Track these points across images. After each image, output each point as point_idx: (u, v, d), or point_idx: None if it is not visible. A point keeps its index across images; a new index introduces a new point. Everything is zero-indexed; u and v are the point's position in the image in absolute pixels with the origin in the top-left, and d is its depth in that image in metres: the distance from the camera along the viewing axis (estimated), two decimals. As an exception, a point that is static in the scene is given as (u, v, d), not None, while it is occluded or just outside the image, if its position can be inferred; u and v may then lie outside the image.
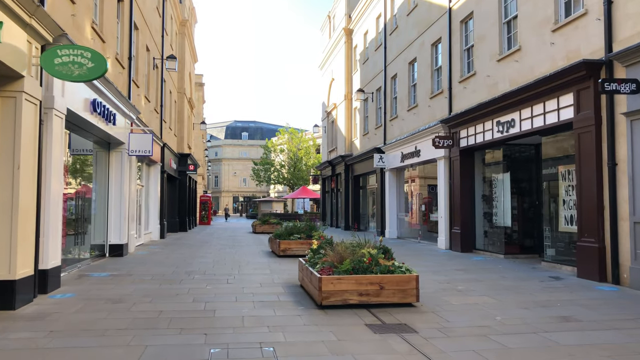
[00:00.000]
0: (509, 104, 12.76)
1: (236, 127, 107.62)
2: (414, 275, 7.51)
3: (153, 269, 11.35)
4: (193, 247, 17.57)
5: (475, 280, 9.85)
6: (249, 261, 13.23)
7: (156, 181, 21.06)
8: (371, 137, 25.80)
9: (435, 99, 17.93)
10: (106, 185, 13.91)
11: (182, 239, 22.25)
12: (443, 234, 16.70)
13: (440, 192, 17.00)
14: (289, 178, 62.33)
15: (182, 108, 29.19)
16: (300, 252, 14.08)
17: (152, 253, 15.29)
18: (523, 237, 14.25)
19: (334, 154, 33.39)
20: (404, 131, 20.84)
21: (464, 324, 6.40)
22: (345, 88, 30.39)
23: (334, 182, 33.97)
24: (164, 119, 23.03)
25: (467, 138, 15.24)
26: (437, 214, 17.87)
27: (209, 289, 8.85)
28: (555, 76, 10.74)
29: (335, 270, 7.54)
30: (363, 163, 26.87)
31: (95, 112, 11.01)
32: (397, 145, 21.32)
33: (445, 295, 8.35)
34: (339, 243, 8.43)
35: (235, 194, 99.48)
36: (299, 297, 8.06)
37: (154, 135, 18.42)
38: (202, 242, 20.05)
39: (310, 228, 15.02)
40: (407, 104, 20.76)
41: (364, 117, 27.49)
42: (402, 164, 20.86)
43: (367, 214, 28.41)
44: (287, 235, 14.68)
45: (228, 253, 15.49)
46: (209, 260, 13.42)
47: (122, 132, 13.95)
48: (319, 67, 39.06)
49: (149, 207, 20.69)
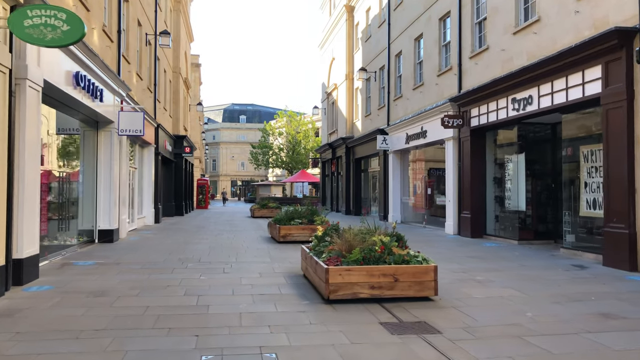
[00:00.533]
0: (527, 80, 11.85)
1: (234, 110, 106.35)
2: (432, 265, 6.70)
3: (144, 257, 10.54)
4: (188, 232, 16.76)
5: (493, 270, 9.06)
6: (247, 247, 12.43)
7: (150, 163, 20.18)
8: (374, 118, 24.87)
9: (443, 77, 16.99)
10: (94, 166, 13.04)
11: (177, 223, 21.45)
12: (451, 219, 15.91)
13: (449, 174, 16.16)
14: (288, 162, 61.39)
15: (177, 88, 28.17)
16: (301, 238, 13.30)
17: (144, 239, 14.48)
18: (538, 222, 13.46)
19: (334, 136, 32.46)
20: (409, 111, 19.92)
21: (492, 321, 5.62)
22: (347, 68, 29.34)
23: (334, 166, 33.11)
24: (158, 99, 22.05)
25: (478, 117, 14.36)
26: (444, 197, 17.06)
27: (203, 279, 8.04)
28: (581, 47, 9.82)
29: (344, 261, 6.73)
30: (365, 145, 25.98)
31: (78, 86, 10.08)
32: (401, 126, 20.41)
33: (464, 286, 7.56)
34: (347, 229, 7.61)
35: (234, 178, 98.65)
36: (302, 290, 7.26)
37: (146, 115, 17.49)
38: (198, 227, 19.25)
39: (312, 212, 14.21)
40: (412, 83, 19.80)
41: (365, 98, 26.52)
42: (406, 145, 19.98)
43: (369, 198, 27.61)
44: (287, 220, 13.87)
45: (225, 239, 14.69)
46: (204, 246, 12.61)
47: (110, 110, 13.03)
48: (318, 46, 37.91)
49: (142, 191, 19.83)
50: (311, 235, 13.69)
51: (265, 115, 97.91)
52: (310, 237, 13.59)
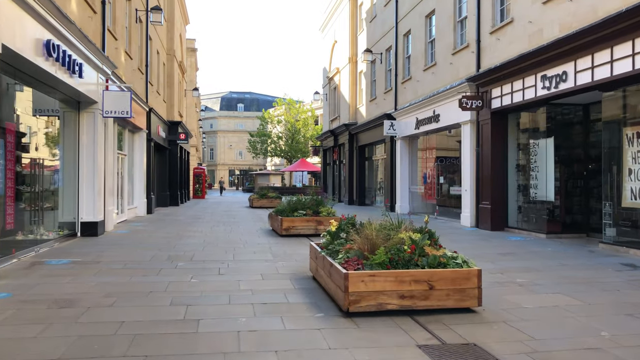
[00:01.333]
0: (560, 54, 10.53)
1: (231, 98, 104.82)
2: (475, 269, 5.44)
3: (128, 254, 9.26)
4: (182, 224, 15.48)
5: (533, 270, 7.80)
6: (247, 242, 11.16)
7: (141, 150, 18.84)
8: (379, 102, 23.52)
9: (458, 55, 15.63)
10: (76, 152, 11.72)
11: (172, 214, 20.16)
12: (468, 210, 14.64)
13: (465, 161, 14.88)
14: (287, 150, 59.99)
15: (171, 72, 26.74)
16: (306, 231, 12.07)
17: (133, 231, 13.19)
18: (568, 213, 12.21)
19: (336, 122, 31.11)
20: (419, 94, 18.58)
21: (561, 343, 4.37)
22: (350, 50, 27.91)
23: (336, 154, 31.79)
24: (150, 81, 20.65)
25: (500, 98, 13.03)
26: (459, 186, 15.81)
27: (194, 283, 6.77)
28: (632, 12, 8.49)
29: (366, 263, 5.47)
30: (369, 132, 24.64)
31: (51, 57, 8.73)
32: (410, 111, 19.08)
33: (507, 292, 6.31)
34: (368, 224, 6.33)
35: (231, 167, 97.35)
36: (314, 297, 6.00)
37: (136, 96, 16.13)
38: (193, 218, 17.97)
39: (317, 203, 12.94)
40: (423, 63, 18.44)
41: (370, 82, 25.14)
42: (416, 131, 18.67)
43: (373, 187, 26.34)
44: (290, 211, 12.59)
45: (222, 231, 13.42)
46: (198, 240, 11.34)
47: (93, 89, 11.68)
48: (319, 29, 36.40)
49: (133, 179, 18.52)
50: (316, 228, 12.52)
51: (263, 103, 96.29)
52: (316, 229, 12.42)
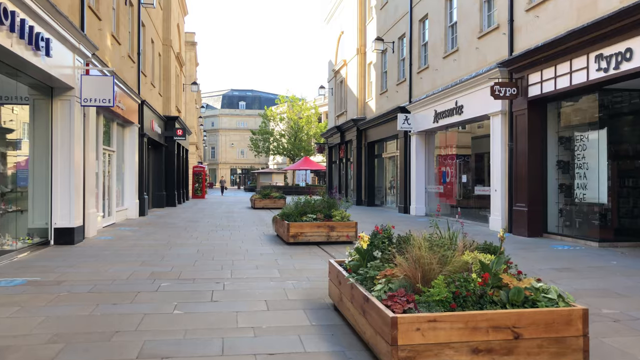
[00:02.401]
0: (623, 28, 8.80)
1: (233, 96, 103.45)
2: (579, 309, 3.74)
3: (102, 270, 7.57)
4: (176, 229, 13.80)
5: (612, 294, 6.08)
6: (248, 252, 9.46)
7: (133, 146, 17.16)
8: (391, 95, 21.79)
9: (486, 39, 13.91)
10: (49, 146, 10.05)
11: (167, 216, 18.49)
12: (498, 212, 12.93)
13: (495, 158, 13.16)
14: (290, 148, 58.28)
15: (168, 64, 25.06)
16: (316, 238, 10.40)
17: (119, 238, 11.51)
18: (623, 218, 10.50)
19: (343, 118, 29.39)
20: (438, 84, 16.86)
21: None
22: (358, 41, 26.17)
23: (342, 151, 30.08)
24: (143, 72, 18.98)
25: (540, 84, 11.30)
26: (486, 186, 14.12)
27: (177, 317, 5.08)
28: None
29: (420, 300, 3.78)
30: (380, 127, 22.93)
31: (3, 25, 7.04)
32: (428, 103, 17.37)
33: (603, 332, 4.59)
34: (414, 239, 4.62)
35: (233, 166, 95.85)
36: (340, 341, 4.30)
37: (124, 85, 14.45)
38: (189, 221, 16.28)
39: (329, 205, 11.23)
40: (442, 50, 16.71)
41: (381, 73, 23.41)
42: (435, 124, 16.95)
43: (384, 187, 24.64)
44: (298, 215, 10.89)
45: (220, 238, 11.74)
46: (191, 250, 9.64)
47: (69, 73, 10.00)
48: (324, 20, 34.67)
49: (123, 178, 16.85)
50: (329, 235, 10.81)
51: (265, 101, 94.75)
52: (328, 236, 10.72)
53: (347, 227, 10.59)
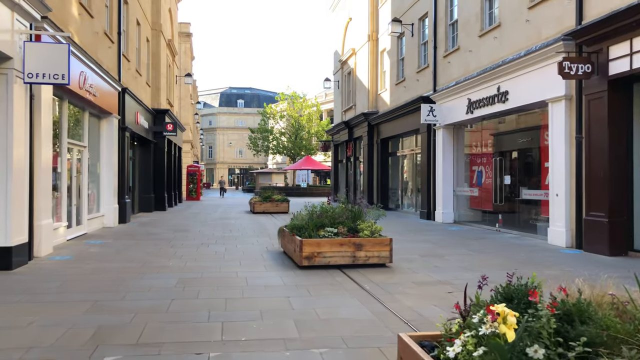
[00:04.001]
0: None
1: (231, 94, 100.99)
2: None
3: (18, 323, 4.92)
4: (159, 242, 11.16)
5: None
6: (247, 283, 6.83)
7: (111, 141, 14.51)
8: (410, 85, 19.17)
9: (540, 8, 11.30)
10: (-23, 137, 7.41)
11: (152, 223, 15.84)
12: (561, 222, 10.31)
13: (556, 154, 10.56)
14: (290, 147, 55.56)
15: (158, 51, 22.40)
16: (338, 260, 7.81)
17: (79, 258, 8.87)
18: None
19: (351, 113, 26.76)
20: (472, 68, 14.25)
21: None
22: (369, 26, 23.53)
23: (350, 149, 27.44)
24: (126, 55, 16.35)
25: (629, 57, 8.68)
26: (537, 189, 11.54)
27: None
28: None
29: None
30: (395, 122, 20.33)
31: None
32: (459, 90, 14.77)
33: None
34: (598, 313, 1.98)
35: (231, 166, 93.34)
36: None
37: (98, 68, 11.82)
38: (177, 230, 13.65)
39: (354, 215, 8.61)
40: (478, 28, 14.11)
41: (397, 60, 20.79)
42: (468, 116, 14.35)
43: (398, 189, 22.03)
44: (314, 228, 8.25)
45: (211, 257, 9.10)
46: (170, 280, 7.01)
47: (4, 38, 7.37)
48: (329, 8, 32.05)
49: (100, 179, 14.22)
50: (354, 255, 8.21)
51: (264, 99, 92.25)
52: (354, 257, 8.09)
53: (379, 245, 7.97)
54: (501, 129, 14.15)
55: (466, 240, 11.52)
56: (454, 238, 12.03)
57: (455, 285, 6.62)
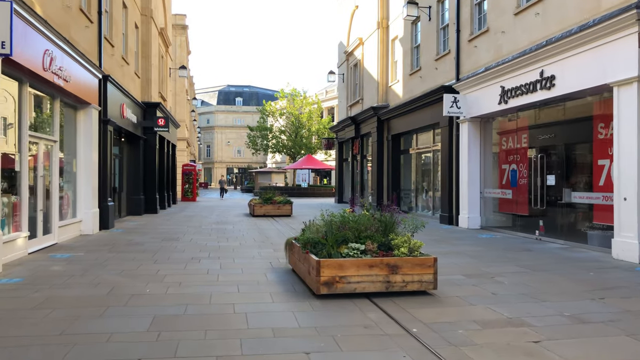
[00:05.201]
0: None
1: (229, 92, 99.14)
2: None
3: None
4: (140, 256, 9.25)
5: None
6: (247, 324, 4.92)
7: (90, 135, 12.59)
8: (427, 74, 17.27)
9: (599, -26, 9.42)
10: None
11: (138, 229, 13.92)
12: (632, 233, 8.41)
13: (623, 147, 8.66)
14: (290, 146, 53.56)
15: (148, 39, 20.47)
16: (367, 287, 5.97)
17: (29, 282, 6.94)
18: None
19: (357, 107, 24.85)
20: (506, 51, 12.37)
21: None
22: (379, 13, 21.61)
23: (357, 146, 25.52)
24: (108, 39, 14.44)
25: None
26: (589, 191, 9.66)
27: None
28: None
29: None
30: (409, 116, 18.45)
31: None
32: (489, 78, 12.89)
33: None
34: None
35: (230, 165, 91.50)
36: None
37: (70, 48, 9.89)
38: (165, 239, 11.74)
39: (386, 226, 6.70)
40: (513, 4, 12.22)
41: (411, 49, 18.88)
42: (501, 106, 12.47)
43: (411, 189, 20.13)
44: (334, 243, 6.34)
45: (201, 279, 7.18)
46: (142, 317, 5.09)
47: None
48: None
49: (76, 180, 12.31)
50: (388, 281, 6.03)
51: (263, 97, 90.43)
52: (387, 283, 5.60)
53: (420, 266, 6.07)
54: (540, 120, 12.25)
55: (509, 253, 9.63)
56: (493, 249, 10.15)
57: (536, 328, 4.75)
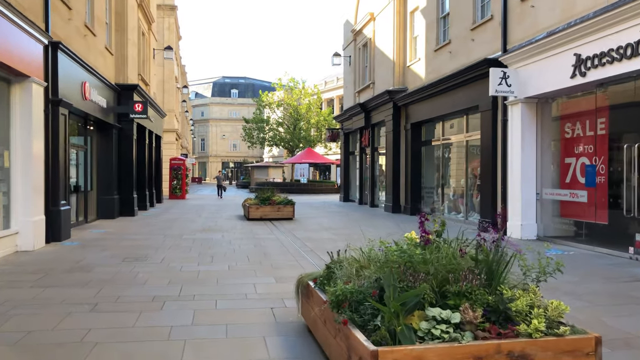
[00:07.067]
0: None
1: (224, 83, 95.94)
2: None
3: None
4: (78, 292, 6.19)
5: None
6: None
7: (29, 120, 9.48)
8: (459, 48, 14.21)
9: None
10: None
11: (98, 242, 10.85)
12: None
13: None
14: (288, 139, 50.38)
15: (123, 10, 17.28)
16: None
17: None
18: None
19: (368, 93, 21.77)
20: (580, 9, 9.32)
21: None
22: (395, -19, 18.55)
23: (366, 137, 22.45)
24: (66, 2, 11.33)
25: None
26: None
27: None
28: None
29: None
30: (434, 100, 15.44)
31: None
32: (553, 45, 9.86)
33: None
34: None
35: (225, 159, 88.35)
36: None
37: None
38: (126, 259, 8.66)
39: (491, 270, 3.64)
40: (594, -57, 9.17)
41: (436, 19, 15.81)
42: (576, 81, 9.43)
43: (435, 187, 17.12)
44: (399, 308, 3.28)
45: (150, 359, 4.15)
46: None
47: None
48: (338, -29, 26.99)
49: (9, 177, 9.24)
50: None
51: (259, 89, 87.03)
52: None
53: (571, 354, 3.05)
54: (627, 99, 9.24)
55: (612, 285, 6.70)
56: (589, 277, 7.18)
57: None
